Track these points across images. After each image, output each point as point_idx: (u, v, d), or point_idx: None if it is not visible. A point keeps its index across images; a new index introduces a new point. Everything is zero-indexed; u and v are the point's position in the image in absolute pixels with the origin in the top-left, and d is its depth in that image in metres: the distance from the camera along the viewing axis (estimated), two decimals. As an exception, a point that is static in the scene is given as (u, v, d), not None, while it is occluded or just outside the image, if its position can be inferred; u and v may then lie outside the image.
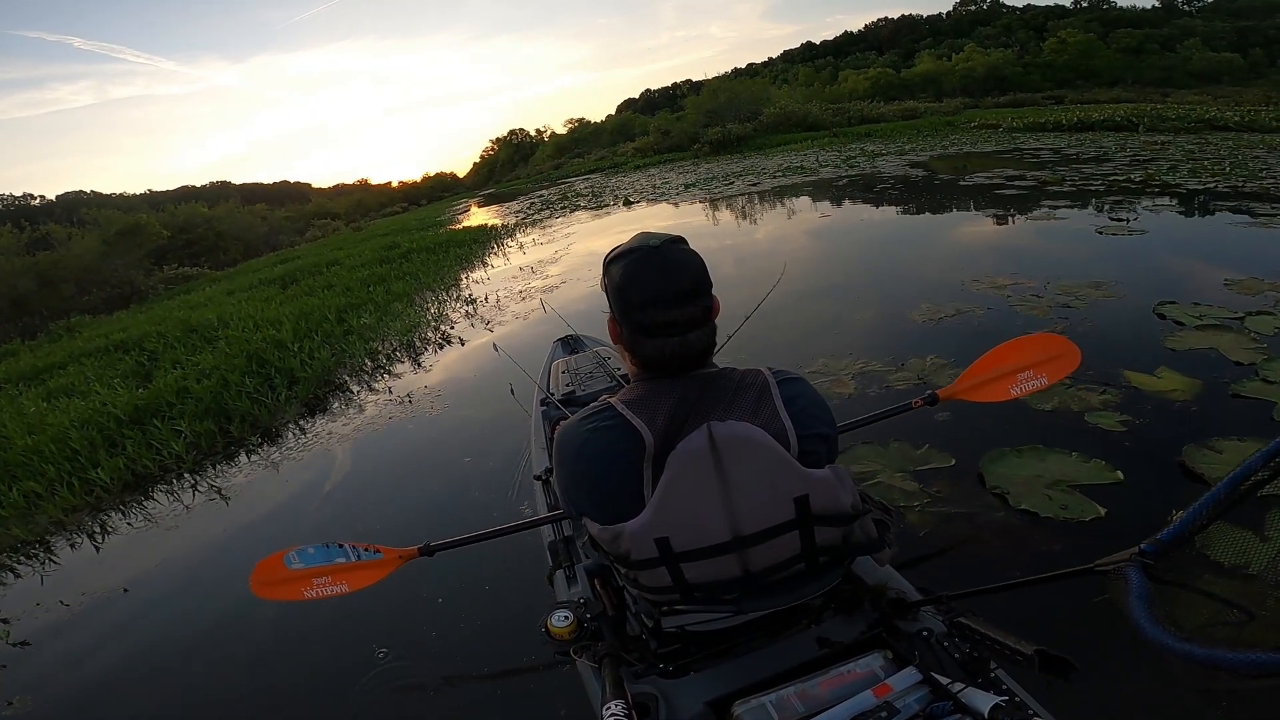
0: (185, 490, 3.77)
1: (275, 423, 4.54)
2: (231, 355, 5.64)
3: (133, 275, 20.57)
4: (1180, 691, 1.43)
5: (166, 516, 3.49)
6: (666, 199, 13.93)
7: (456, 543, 1.83)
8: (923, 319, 4.03)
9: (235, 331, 6.71)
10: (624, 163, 34.58)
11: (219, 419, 4.60)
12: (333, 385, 5.04)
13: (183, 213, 30.16)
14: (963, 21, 70.53)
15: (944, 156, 14.09)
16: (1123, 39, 52.18)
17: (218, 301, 10.94)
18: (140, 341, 8.18)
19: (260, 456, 4.05)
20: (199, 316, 8.63)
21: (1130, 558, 1.55)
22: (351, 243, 18.79)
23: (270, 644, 2.28)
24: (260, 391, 4.82)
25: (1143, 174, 8.33)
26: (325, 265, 12.33)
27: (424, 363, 5.23)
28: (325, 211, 47.33)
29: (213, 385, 4.98)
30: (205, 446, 4.30)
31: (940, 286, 4.61)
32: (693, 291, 0.94)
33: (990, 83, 46.55)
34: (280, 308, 7.88)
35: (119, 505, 3.76)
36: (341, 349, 5.63)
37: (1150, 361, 2.99)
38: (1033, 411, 2.70)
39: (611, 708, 0.91)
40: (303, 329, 6.27)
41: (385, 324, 6.39)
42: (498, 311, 6.42)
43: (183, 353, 6.60)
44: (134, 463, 4.11)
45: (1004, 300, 4.15)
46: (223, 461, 4.09)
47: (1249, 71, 45.87)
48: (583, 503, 1.01)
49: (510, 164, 73.41)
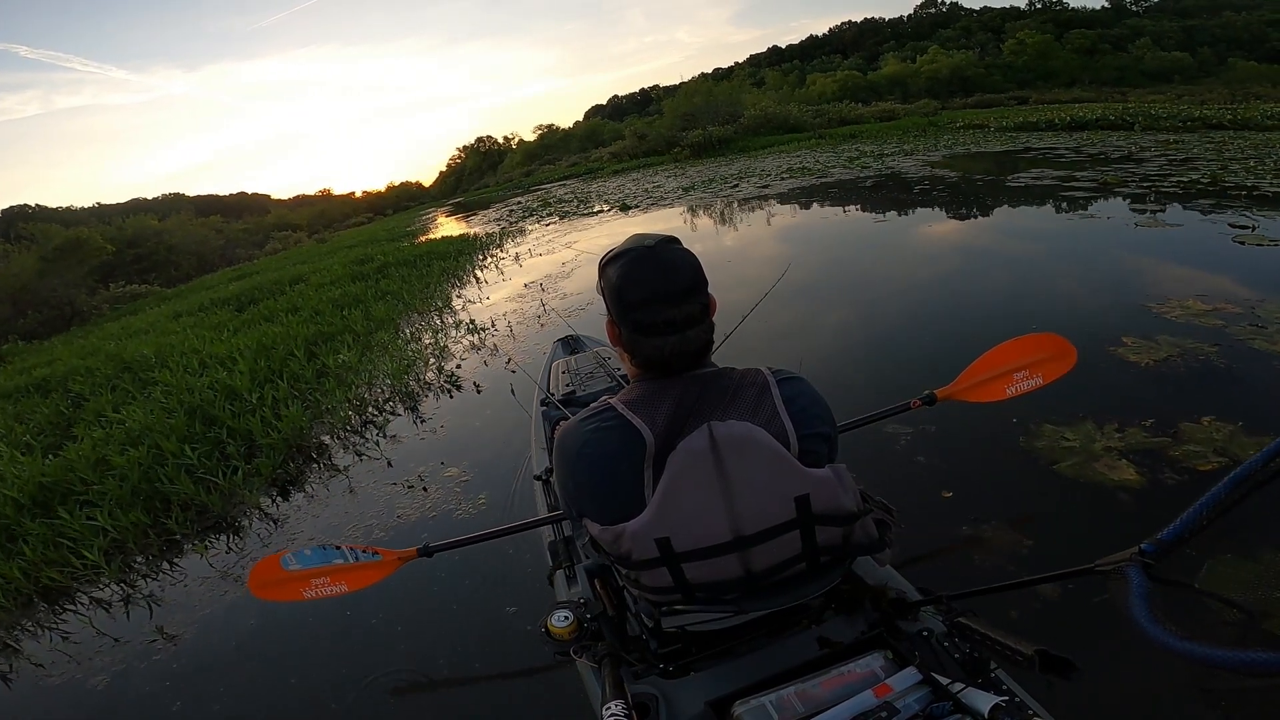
0: (114, 609, 2.71)
1: (230, 511, 3.32)
2: (169, 410, 4.34)
3: (73, 294, 18.98)
4: (1180, 691, 1.42)
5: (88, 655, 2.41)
6: (666, 203, 12.84)
7: (456, 544, 1.86)
8: (1140, 359, 3.02)
9: (175, 373, 5.32)
10: (599, 168, 33.70)
11: (151, 505, 3.39)
12: (308, 453, 3.79)
13: (131, 226, 28.60)
14: (923, 24, 71.83)
15: (959, 156, 13.38)
16: (1077, 40, 53.59)
17: (161, 327, 9.42)
18: (66, 380, 6.76)
19: (212, 565, 2.85)
20: (134, 349, 7.17)
21: (1131, 557, 1.49)
22: (316, 256, 17.24)
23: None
24: (208, 465, 3.58)
25: (1202, 174, 7.65)
26: (288, 282, 10.87)
27: (432, 421, 3.95)
28: (286, 223, 45.20)
29: (142, 456, 3.71)
30: (135, 545, 3.13)
31: (1122, 314, 3.65)
32: (690, 289, 0.94)
33: (955, 84, 47.31)
34: (234, 338, 6.50)
35: (15, 633, 2.68)
36: (316, 400, 4.34)
37: None
38: None
39: (611, 708, 0.91)
40: (263, 370, 4.94)
41: (370, 362, 5.09)
42: (512, 342, 5.16)
43: (111, 400, 5.26)
44: (35, 571, 2.99)
45: (1226, 332, 3.18)
46: (160, 569, 2.95)
47: (1198, 70, 47.29)
48: (583, 503, 0.99)
49: (478, 172, 71.72)
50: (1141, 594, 1.52)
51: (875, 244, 6.74)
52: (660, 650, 1.09)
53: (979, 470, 2.39)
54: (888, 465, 2.51)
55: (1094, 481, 2.17)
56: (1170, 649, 1.41)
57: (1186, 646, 1.38)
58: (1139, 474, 2.18)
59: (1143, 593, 1.52)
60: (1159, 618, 1.45)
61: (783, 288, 5.01)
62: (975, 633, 0.96)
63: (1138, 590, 1.53)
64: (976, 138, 17.27)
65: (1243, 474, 1.90)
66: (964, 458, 2.48)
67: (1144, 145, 11.42)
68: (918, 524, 2.14)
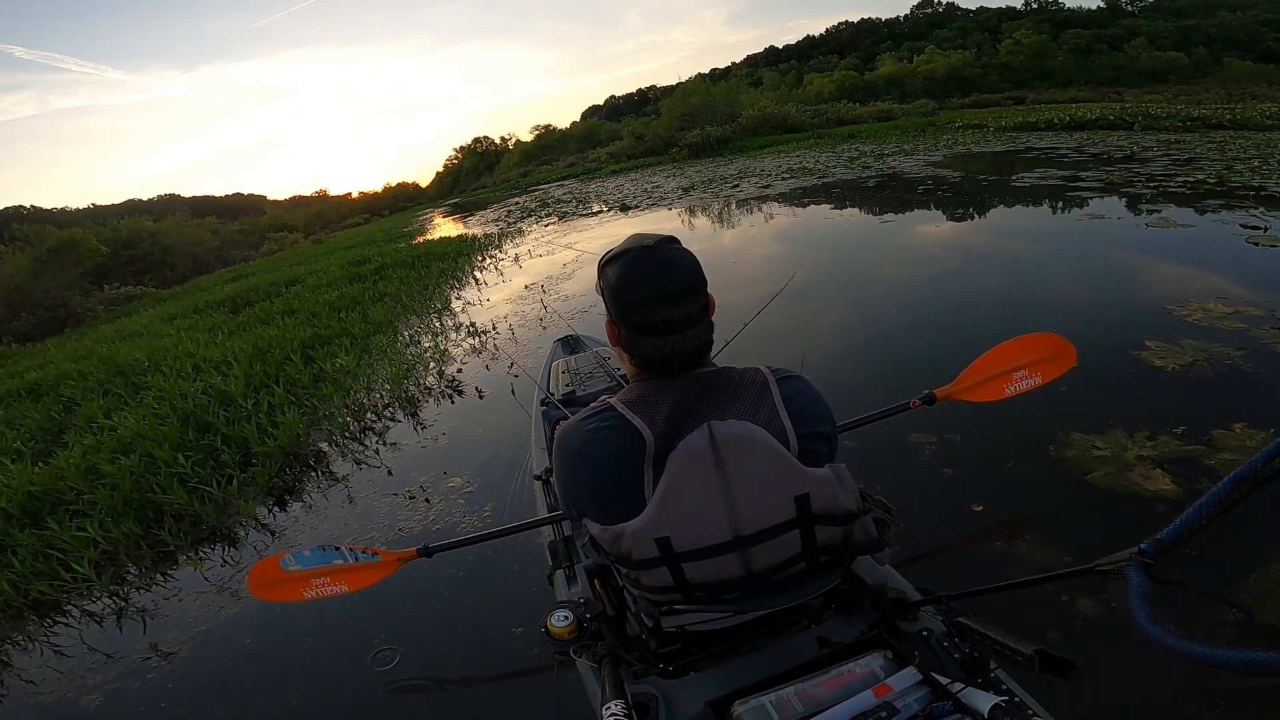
0: (107, 623, 2.61)
1: (226, 522, 3.21)
2: (161, 416, 4.21)
3: (67, 296, 18.78)
4: (1180, 691, 1.42)
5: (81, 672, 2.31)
6: (666, 204, 12.74)
7: (456, 544, 1.88)
8: (1166, 364, 2.92)
9: (168, 378, 5.20)
10: (597, 168, 33.61)
11: (144, 515, 3.28)
12: (305, 461, 3.68)
13: (126, 227, 28.37)
14: (920, 24, 71.93)
15: (960, 156, 13.31)
16: (1073, 40, 53.72)
17: (155, 330, 9.28)
18: (58, 384, 6.63)
19: (207, 578, 2.75)
20: (127, 352, 7.03)
21: (1130, 557, 1.47)
22: (313, 257, 17.10)
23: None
24: (201, 474, 3.47)
25: (1208, 174, 7.57)
26: (284, 284, 10.74)
27: (433, 428, 3.81)
28: (282, 224, 44.96)
29: (134, 465, 3.60)
30: (128, 556, 3.02)
31: (1143, 317, 3.56)
32: (689, 289, 0.93)
33: (952, 84, 47.36)
34: (229, 341, 6.38)
35: (6, 647, 2.59)
36: (313, 406, 4.22)
37: None
38: None
39: (611, 708, 0.90)
40: (258, 375, 4.82)
41: (369, 366, 4.97)
42: (515, 346, 5.04)
43: (103, 405, 5.13)
44: (25, 584, 2.88)
45: (1250, 336, 3.08)
46: (154, 582, 2.85)
47: (1194, 70, 47.42)
48: (583, 503, 0.99)
49: (475, 173, 71.57)
50: (1141, 594, 1.50)
51: (880, 246, 6.63)
52: (660, 650, 1.09)
53: (1011, 482, 2.30)
54: (915, 478, 2.42)
55: (1130, 493, 2.08)
56: (1170, 649, 1.38)
57: (1186, 646, 1.36)
58: (1175, 484, 2.09)
59: (1142, 593, 1.50)
60: (1159, 618, 1.44)
61: (790, 289, 4.95)
62: (975, 633, 0.96)
63: (1137, 590, 1.51)
64: (976, 138, 17.22)
65: (1243, 474, 1.89)
66: (993, 468, 2.39)
67: (1146, 145, 11.36)
68: (946, 537, 2.07)
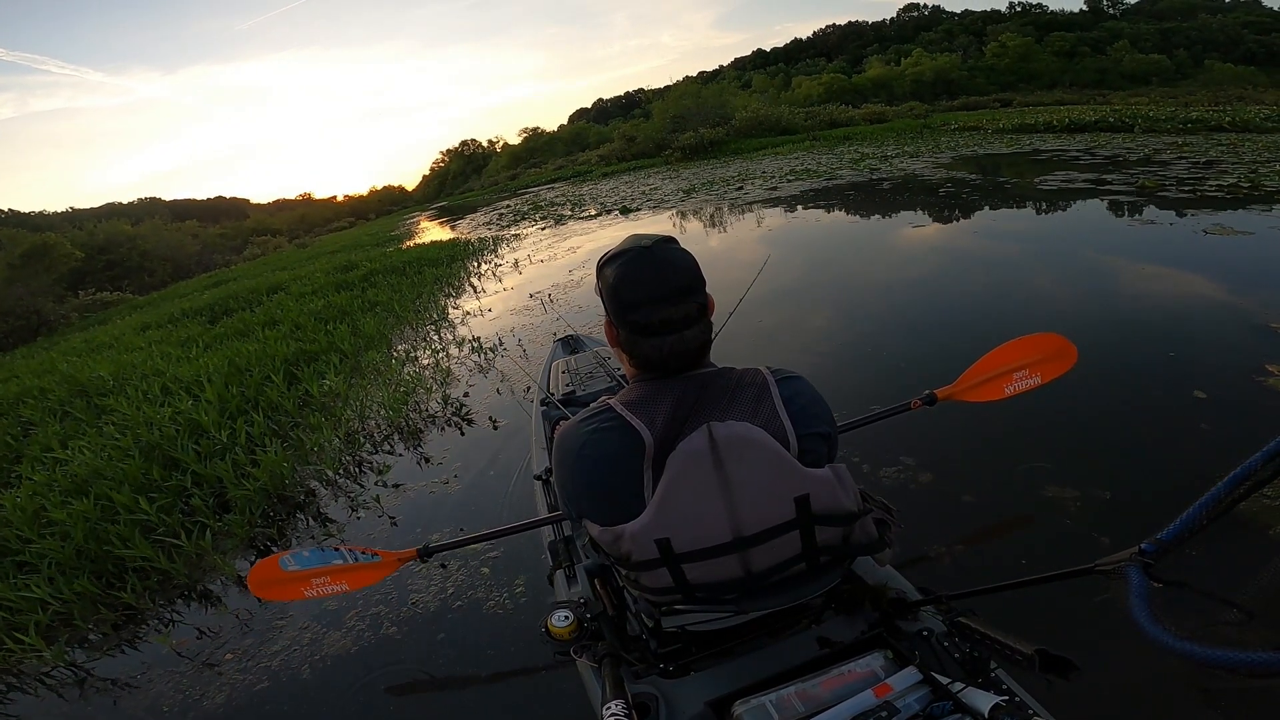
0: (68, 694, 2.23)
1: (199, 579, 2.70)
2: (123, 449, 3.66)
3: (40, 303, 18.01)
4: (1180, 691, 1.42)
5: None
6: (668, 206, 12.31)
7: (455, 544, 1.87)
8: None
9: (133, 401, 4.61)
10: (588, 171, 33.22)
11: (102, 571, 2.77)
12: (292, 505, 3.15)
13: (103, 231, 27.57)
14: (906, 27, 72.35)
15: (969, 159, 12.99)
16: (1057, 42, 54.27)
17: (125, 342, 8.60)
18: (17, 403, 6.00)
19: (181, 654, 2.25)
20: (91, 369, 6.37)
21: (1130, 557, 1.40)
22: (297, 262, 16.47)
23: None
24: (168, 521, 2.95)
25: (1237, 178, 7.27)
26: (266, 292, 10.14)
27: (441, 465, 3.28)
28: (265, 228, 44.16)
29: (88, 510, 3.07)
30: (84, 621, 2.54)
31: (1249, 337, 3.18)
32: (687, 288, 0.92)
33: (939, 87, 47.56)
34: (203, 357, 5.77)
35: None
36: (298, 437, 3.68)
37: None
38: None
39: (612, 708, 0.90)
40: (235, 399, 4.27)
41: (361, 389, 4.44)
42: (526, 364, 4.50)
43: (59, 431, 4.57)
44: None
45: None
46: (119, 652, 2.39)
47: (1175, 72, 48.01)
48: (583, 504, 0.97)
49: (462, 176, 70.83)
50: (1141, 594, 1.42)
51: (928, 252, 6.09)
52: (660, 650, 1.09)
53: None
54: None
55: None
56: (1170, 649, 1.30)
57: (1186, 646, 1.28)
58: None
59: (1142, 593, 1.42)
60: (1159, 618, 1.35)
61: (844, 299, 4.56)
62: (975, 632, 0.95)
63: (1137, 590, 1.43)
64: (976, 140, 17.02)
65: (1243, 474, 1.69)
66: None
67: (1156, 148, 11.15)
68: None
